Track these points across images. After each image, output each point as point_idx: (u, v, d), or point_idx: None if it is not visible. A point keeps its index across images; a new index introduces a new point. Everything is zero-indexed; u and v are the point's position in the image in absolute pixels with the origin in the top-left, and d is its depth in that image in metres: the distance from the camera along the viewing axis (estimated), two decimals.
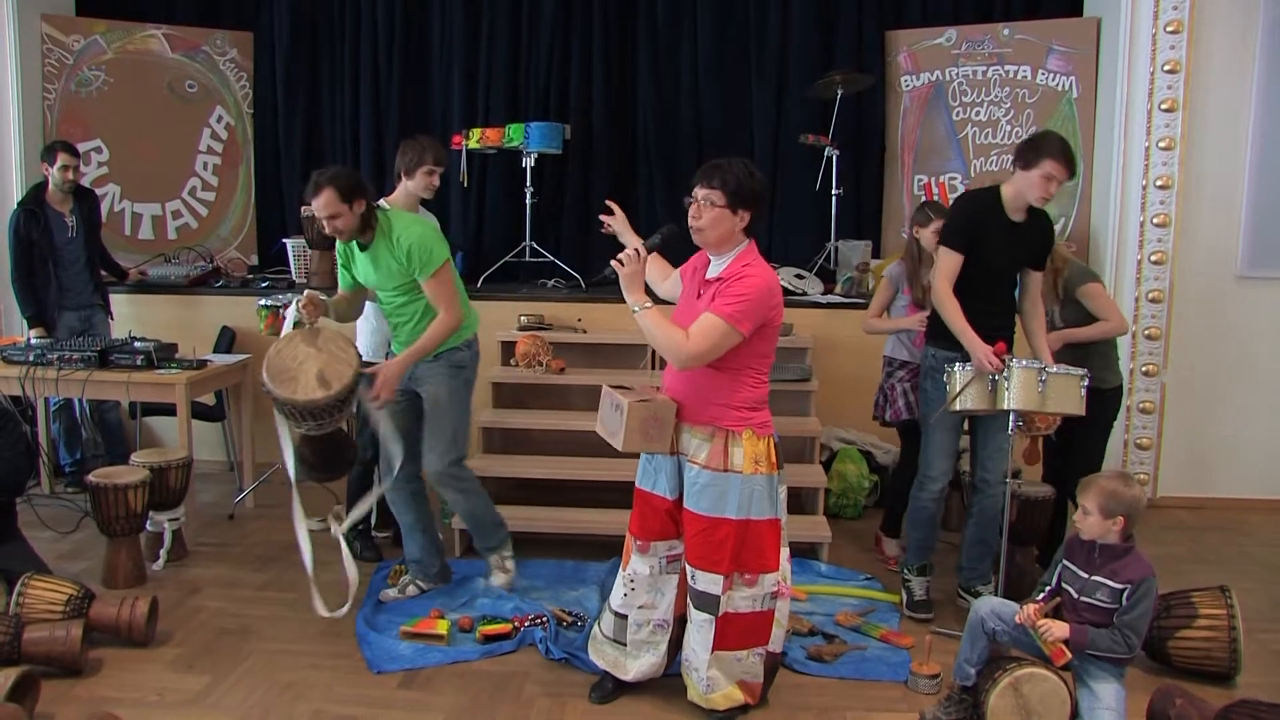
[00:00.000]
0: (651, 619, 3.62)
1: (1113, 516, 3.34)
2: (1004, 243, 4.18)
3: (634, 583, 3.60)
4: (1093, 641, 3.29)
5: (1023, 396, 3.92)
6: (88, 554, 5.00)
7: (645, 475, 3.58)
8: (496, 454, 5.61)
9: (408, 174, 4.76)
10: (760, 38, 7.13)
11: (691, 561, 3.45)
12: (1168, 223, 5.92)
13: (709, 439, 3.39)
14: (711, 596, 3.40)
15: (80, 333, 5.87)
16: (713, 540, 3.38)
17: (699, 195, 3.36)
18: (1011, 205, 4.17)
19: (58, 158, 5.81)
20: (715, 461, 3.37)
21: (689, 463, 3.43)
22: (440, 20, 7.36)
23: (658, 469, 3.53)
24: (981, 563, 4.44)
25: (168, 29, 7.26)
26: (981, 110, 6.81)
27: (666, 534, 3.55)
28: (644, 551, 3.57)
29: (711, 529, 3.38)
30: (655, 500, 3.54)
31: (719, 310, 3.27)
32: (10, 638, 3.67)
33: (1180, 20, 5.78)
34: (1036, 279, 4.33)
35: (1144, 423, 6.08)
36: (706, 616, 3.42)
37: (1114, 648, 3.29)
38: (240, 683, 3.78)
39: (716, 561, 3.38)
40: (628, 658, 3.66)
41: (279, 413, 3.95)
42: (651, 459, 3.54)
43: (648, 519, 3.57)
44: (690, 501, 3.43)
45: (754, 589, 3.43)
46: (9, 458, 4.26)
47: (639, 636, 3.63)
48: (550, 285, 6.76)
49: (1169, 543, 5.42)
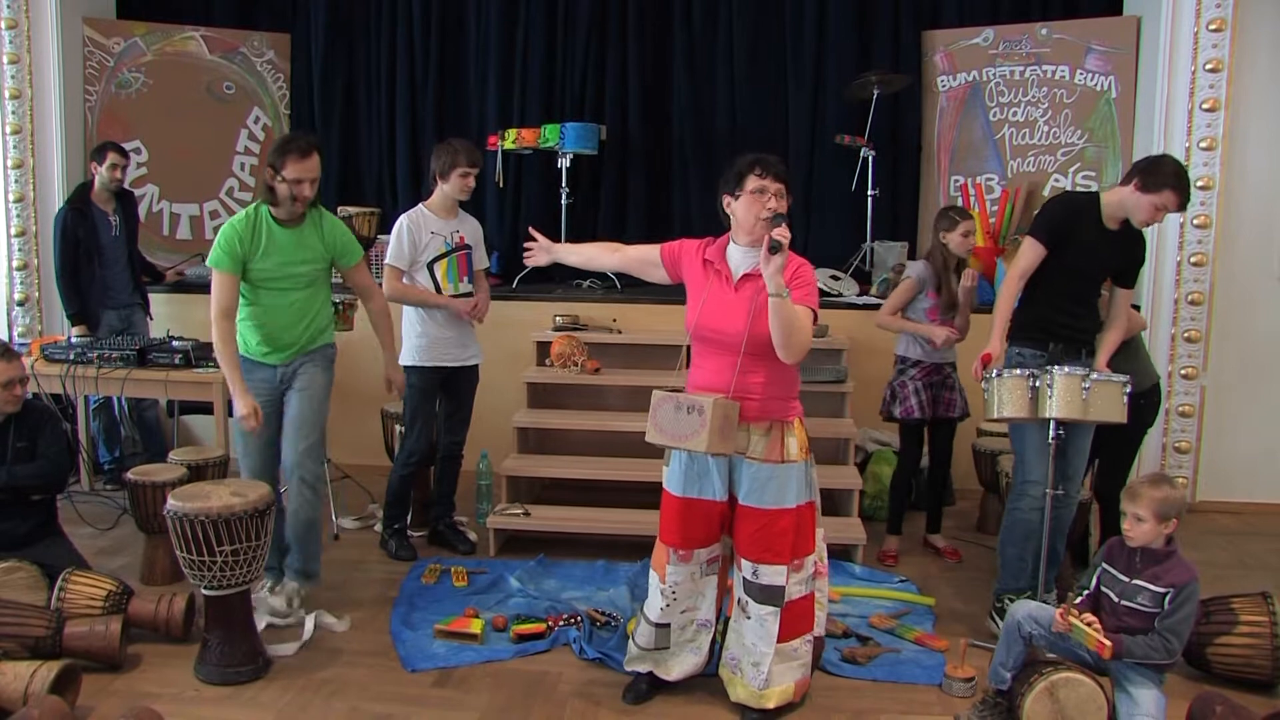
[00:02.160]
0: (695, 619, 3.62)
1: (1167, 520, 3.31)
2: (1093, 247, 4.12)
3: (675, 593, 3.57)
4: (1129, 650, 3.25)
5: (1065, 405, 3.87)
6: (126, 550, 5.05)
7: (688, 483, 3.50)
8: (531, 454, 5.62)
9: (443, 177, 4.82)
10: (796, 38, 7.11)
11: (752, 556, 3.42)
12: (1208, 224, 5.85)
13: (766, 433, 3.39)
14: (777, 589, 3.39)
15: (120, 331, 5.94)
16: (775, 531, 3.38)
17: (773, 187, 3.34)
18: (1109, 213, 4.11)
19: (107, 157, 5.89)
20: (774, 454, 3.38)
21: (748, 459, 3.40)
22: (476, 21, 7.39)
23: (704, 473, 3.47)
24: (1049, 572, 4.25)
25: (206, 31, 7.32)
26: (1019, 110, 6.76)
27: (710, 539, 3.54)
28: (685, 560, 3.54)
29: (774, 520, 3.38)
30: (704, 506, 3.49)
31: (807, 302, 3.31)
32: (52, 632, 3.72)
33: (1223, 18, 5.71)
34: (1122, 295, 4.25)
35: (1183, 426, 6.01)
36: (771, 609, 3.40)
37: (1152, 653, 3.25)
38: (276, 679, 3.80)
39: (779, 552, 3.39)
40: (671, 658, 3.64)
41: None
42: (694, 464, 3.47)
43: (692, 527, 3.52)
44: (751, 498, 3.41)
45: (801, 573, 3.45)
46: (51, 455, 4.30)
47: (683, 638, 3.63)
48: (585, 286, 6.77)
49: (1208, 548, 5.36)
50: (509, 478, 5.32)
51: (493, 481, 5.46)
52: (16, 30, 6.52)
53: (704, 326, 3.43)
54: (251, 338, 4.22)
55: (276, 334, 4.20)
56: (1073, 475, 4.23)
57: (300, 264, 4.15)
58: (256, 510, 3.74)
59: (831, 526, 4.85)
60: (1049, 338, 4.19)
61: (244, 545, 3.70)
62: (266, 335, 4.20)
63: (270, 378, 4.25)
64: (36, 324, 6.69)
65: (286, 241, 4.12)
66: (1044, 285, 4.19)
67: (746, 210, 3.37)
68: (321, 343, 4.32)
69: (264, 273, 4.11)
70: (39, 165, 6.66)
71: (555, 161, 6.83)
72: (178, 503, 3.70)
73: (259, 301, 4.17)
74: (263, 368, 4.24)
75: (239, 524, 3.68)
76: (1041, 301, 4.23)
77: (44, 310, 6.71)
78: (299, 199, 4.06)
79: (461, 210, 5.00)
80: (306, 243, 4.15)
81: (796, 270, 3.36)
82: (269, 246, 4.11)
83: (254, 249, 4.09)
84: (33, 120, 6.64)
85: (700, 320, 3.43)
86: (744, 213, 3.38)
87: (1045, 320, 4.21)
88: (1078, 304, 4.20)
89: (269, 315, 4.18)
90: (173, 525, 3.69)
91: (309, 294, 4.22)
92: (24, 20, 6.53)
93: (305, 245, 4.15)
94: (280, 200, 4.08)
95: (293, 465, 4.23)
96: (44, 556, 4.16)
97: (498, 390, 5.66)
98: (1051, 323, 4.19)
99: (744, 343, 3.31)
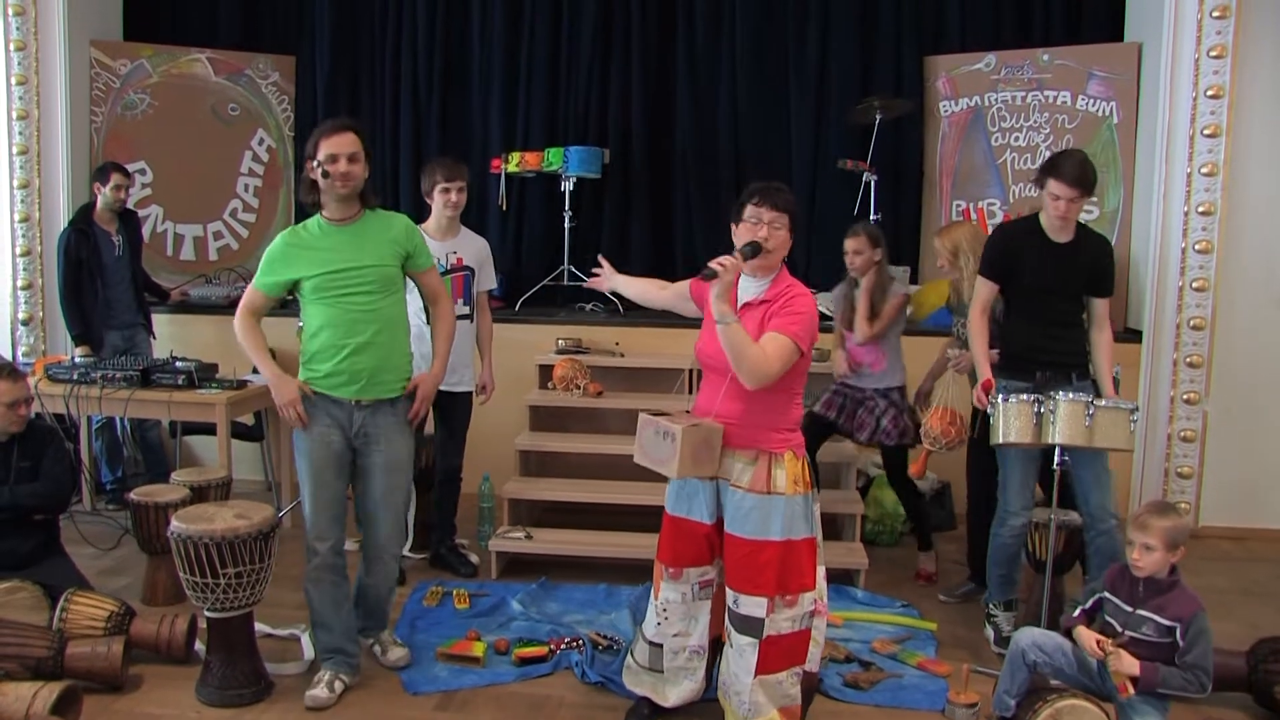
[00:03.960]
0: (687, 646, 3.61)
1: (1176, 549, 3.31)
2: (1041, 264, 4.15)
3: (667, 611, 3.59)
4: (1164, 680, 3.23)
5: (1068, 430, 3.87)
6: (128, 571, 5.05)
7: (679, 501, 3.55)
8: (533, 477, 5.62)
9: (428, 197, 4.87)
10: (799, 63, 7.15)
11: (734, 586, 3.42)
12: (1210, 249, 5.86)
13: (753, 462, 3.38)
14: (756, 620, 3.37)
15: (124, 352, 5.95)
16: (757, 563, 3.36)
17: (768, 217, 3.35)
18: (1051, 227, 4.15)
19: (111, 178, 5.93)
20: (759, 485, 3.36)
21: (732, 487, 3.40)
22: (480, 45, 7.43)
23: (693, 494, 3.49)
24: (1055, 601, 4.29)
25: (211, 53, 7.36)
26: (1021, 136, 6.79)
27: (700, 560, 3.54)
28: (676, 579, 3.56)
29: (756, 552, 3.36)
30: (691, 526, 3.51)
31: (786, 330, 3.27)
32: (54, 653, 3.71)
33: (1224, 45, 5.74)
34: (1099, 306, 4.26)
35: (1185, 451, 6.01)
36: (750, 640, 3.38)
37: (1187, 687, 3.23)
38: (278, 701, 3.80)
39: (761, 584, 3.36)
40: (666, 684, 3.64)
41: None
42: (686, 483, 3.50)
43: (681, 546, 3.55)
44: (734, 526, 3.40)
45: (794, 609, 3.40)
46: (54, 475, 4.31)
47: (675, 664, 3.62)
48: (588, 309, 6.78)
49: (1211, 574, 5.34)
50: (511, 500, 5.32)
51: (494, 504, 5.46)
52: (25, 52, 6.56)
53: (700, 352, 3.50)
54: (320, 362, 3.78)
55: (349, 354, 3.74)
56: (1095, 504, 4.22)
57: (362, 265, 3.74)
58: (260, 533, 3.75)
59: (833, 551, 4.83)
60: (1034, 366, 4.20)
61: (247, 568, 3.70)
62: (334, 352, 3.74)
63: (342, 419, 3.80)
64: (40, 343, 6.70)
65: (342, 241, 3.76)
66: (1015, 314, 4.28)
67: (741, 239, 3.39)
68: (401, 389, 3.87)
69: (321, 280, 3.73)
70: (44, 185, 6.68)
71: (559, 185, 6.86)
72: (181, 524, 3.70)
73: (321, 312, 3.77)
74: (333, 405, 3.79)
75: (243, 546, 3.68)
76: (1018, 332, 4.28)
77: (48, 330, 6.72)
78: (336, 177, 3.67)
79: (468, 231, 5.01)
80: (368, 243, 3.78)
81: (790, 298, 3.35)
82: (320, 247, 3.77)
83: (297, 258, 3.77)
84: (39, 141, 6.66)
85: (699, 345, 3.51)
86: (739, 241, 3.41)
87: (1025, 350, 4.23)
88: (1053, 326, 4.20)
89: (334, 327, 3.74)
90: (176, 547, 3.70)
91: (377, 301, 3.76)
92: (32, 42, 6.57)
93: (366, 244, 3.77)
94: (323, 189, 3.72)
95: (383, 544, 3.97)
96: (46, 576, 4.15)
97: (500, 413, 5.66)
98: (1031, 350, 4.21)
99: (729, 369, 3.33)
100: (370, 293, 3.75)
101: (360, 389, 3.77)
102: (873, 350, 4.94)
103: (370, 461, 3.84)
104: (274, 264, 3.81)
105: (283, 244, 3.82)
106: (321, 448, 3.79)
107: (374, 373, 3.77)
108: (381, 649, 4.11)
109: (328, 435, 3.78)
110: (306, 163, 3.74)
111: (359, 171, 3.73)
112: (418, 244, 3.93)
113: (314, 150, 3.71)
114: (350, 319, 3.73)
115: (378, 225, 3.85)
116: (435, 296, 4.06)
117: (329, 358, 3.75)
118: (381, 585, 4.06)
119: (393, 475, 3.88)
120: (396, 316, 3.86)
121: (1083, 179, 4.01)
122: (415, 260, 3.92)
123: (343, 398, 3.77)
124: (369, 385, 3.78)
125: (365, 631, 4.11)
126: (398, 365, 3.86)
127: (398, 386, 3.85)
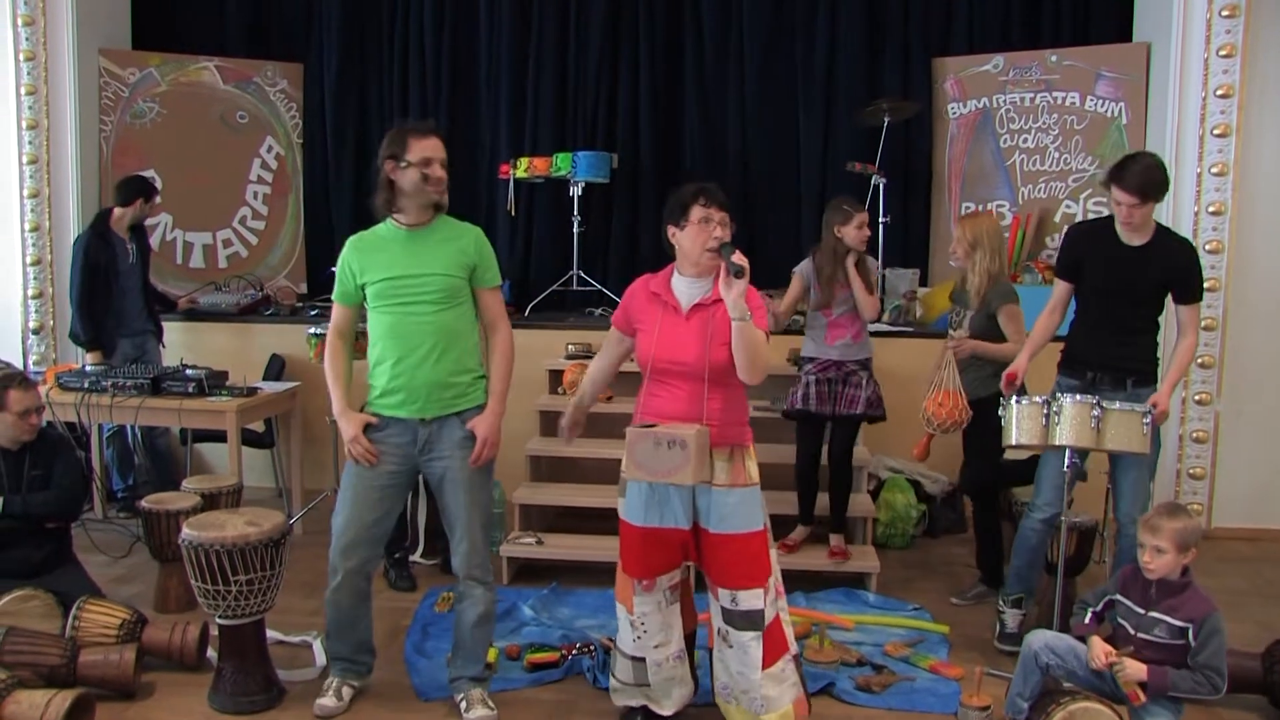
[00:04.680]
0: (669, 655, 3.57)
1: (1187, 550, 3.29)
2: (1111, 264, 4.14)
3: (644, 624, 3.52)
4: (1174, 684, 3.22)
5: (1075, 433, 3.87)
6: (140, 578, 5.06)
7: (649, 511, 3.43)
8: (543, 482, 5.61)
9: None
10: (807, 66, 7.14)
11: (730, 584, 3.38)
12: (1220, 249, 5.84)
13: (729, 458, 3.38)
14: (758, 612, 3.36)
15: (134, 359, 5.97)
16: (749, 554, 3.36)
17: (718, 217, 3.36)
18: (1125, 229, 4.12)
19: (155, 196, 6.17)
20: (739, 478, 3.38)
21: (714, 487, 3.38)
22: (488, 50, 7.44)
23: (664, 501, 3.42)
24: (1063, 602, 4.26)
25: (220, 61, 7.38)
26: (1029, 137, 6.78)
27: (672, 565, 3.51)
28: (649, 590, 3.49)
29: (747, 544, 3.36)
30: (665, 534, 3.43)
31: (760, 326, 3.29)
32: (66, 660, 3.72)
33: (1233, 44, 5.72)
34: (1181, 313, 4.17)
35: (1197, 452, 5.99)
36: (754, 635, 3.36)
37: (1198, 689, 3.21)
38: (290, 708, 3.80)
39: (756, 575, 3.36)
40: (661, 695, 3.61)
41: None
42: (654, 492, 3.42)
43: (652, 556, 3.47)
44: (721, 524, 3.37)
45: (769, 594, 3.42)
46: (66, 484, 4.31)
47: (661, 675, 3.57)
48: (598, 314, 6.78)
49: (1224, 575, 5.32)
50: (521, 506, 5.32)
51: (505, 510, 5.45)
52: (34, 62, 6.59)
53: (661, 359, 3.41)
54: (378, 376, 3.65)
55: (406, 368, 3.58)
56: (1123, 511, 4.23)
57: (427, 273, 3.57)
58: (271, 540, 3.75)
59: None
60: (1086, 367, 4.21)
61: (258, 575, 3.70)
62: (394, 368, 3.60)
63: (405, 440, 3.65)
64: (51, 352, 6.72)
65: (410, 246, 3.61)
66: (1080, 314, 4.29)
67: (693, 240, 3.38)
68: (469, 402, 3.69)
69: (384, 287, 3.59)
70: (54, 194, 6.71)
71: (567, 190, 6.86)
72: (193, 532, 3.70)
73: (380, 320, 3.63)
74: (396, 426, 3.64)
75: (254, 553, 3.68)
76: (1079, 331, 4.30)
77: (59, 339, 6.73)
78: (431, 180, 3.53)
79: None
80: (437, 250, 3.60)
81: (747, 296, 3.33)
82: (387, 250, 3.63)
83: (365, 261, 3.64)
84: (49, 150, 6.69)
85: (657, 353, 3.42)
86: (690, 243, 3.39)
87: (1082, 349, 4.25)
88: (1117, 330, 4.17)
89: (392, 337, 3.60)
90: (188, 554, 3.70)
91: (440, 312, 3.58)
92: (41, 52, 6.59)
93: (434, 251, 3.60)
94: (410, 190, 3.55)
95: (459, 568, 3.75)
96: (59, 585, 4.16)
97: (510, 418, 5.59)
98: (1089, 352, 4.22)
99: (706, 370, 3.33)
100: (432, 303, 3.57)
101: (420, 406, 3.60)
102: (854, 322, 4.89)
103: (439, 479, 3.69)
104: (344, 271, 3.69)
105: (350, 249, 3.70)
106: (373, 468, 3.66)
107: (433, 388, 3.59)
108: (467, 705, 3.72)
109: (383, 457, 3.65)
110: (386, 162, 3.55)
111: (444, 175, 3.60)
112: (486, 258, 3.71)
113: (399, 151, 3.52)
114: (408, 329, 3.58)
115: (448, 233, 3.67)
116: (494, 321, 3.78)
117: (386, 371, 3.61)
118: (466, 614, 3.75)
119: (463, 492, 3.66)
120: (460, 330, 3.65)
121: (1144, 187, 3.93)
122: (480, 275, 3.69)
123: (407, 417, 3.63)
124: (429, 402, 3.61)
125: (455, 684, 3.80)
126: (462, 380, 3.66)
127: (464, 401, 3.67)
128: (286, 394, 5.80)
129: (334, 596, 3.74)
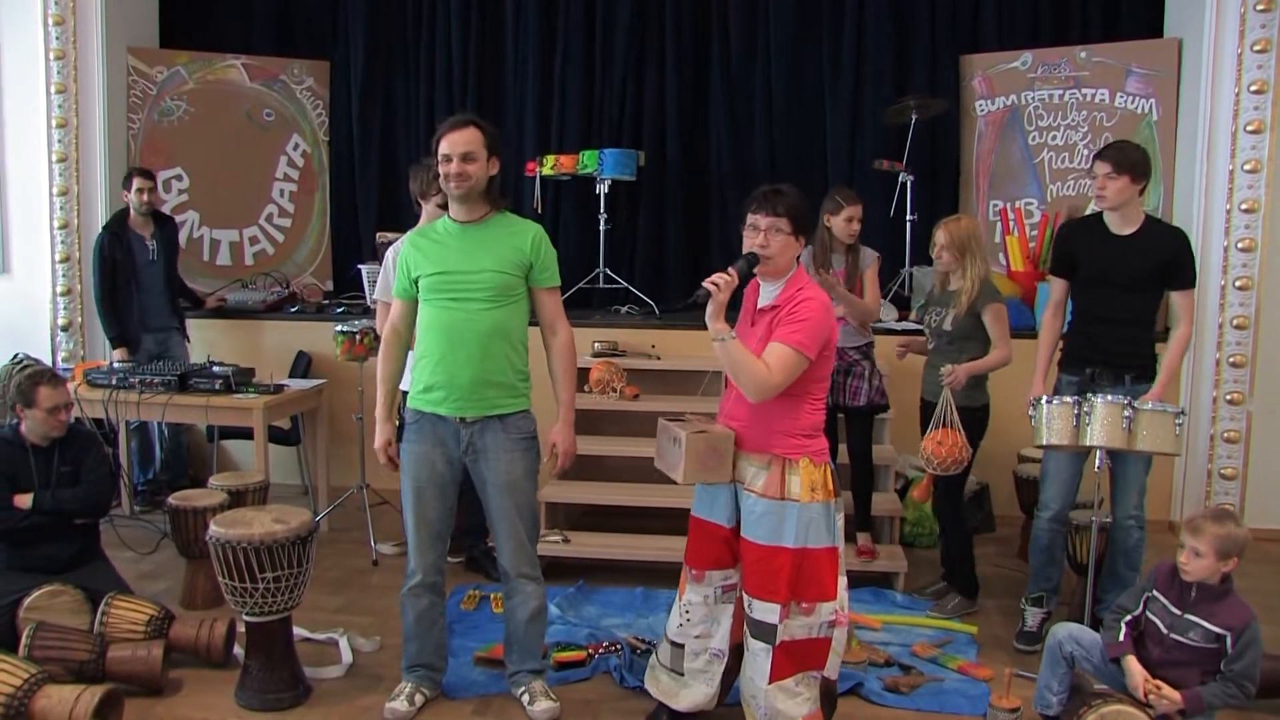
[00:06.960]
0: (708, 648, 3.57)
1: (1227, 558, 3.25)
2: (1095, 254, 4.16)
3: (689, 612, 3.55)
4: (1208, 703, 3.20)
5: (1106, 434, 3.84)
6: (167, 575, 5.08)
7: (701, 503, 3.54)
8: (570, 480, 5.60)
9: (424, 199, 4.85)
10: (834, 63, 7.11)
11: (749, 591, 3.40)
12: (1253, 247, 5.77)
13: (766, 467, 3.34)
14: (769, 626, 3.33)
15: (157, 356, 6.01)
16: (769, 569, 3.32)
17: (764, 224, 3.31)
18: (1112, 219, 4.15)
19: (133, 182, 6.07)
20: (773, 490, 3.32)
21: (746, 491, 3.37)
22: (514, 48, 7.44)
23: (714, 496, 3.48)
24: (1107, 595, 4.26)
25: (247, 59, 7.41)
26: (1058, 134, 6.72)
27: (722, 563, 3.51)
28: (699, 580, 3.53)
29: (768, 558, 3.32)
30: (712, 528, 3.49)
31: (787, 339, 3.22)
32: (95, 656, 3.75)
33: (1268, 39, 5.65)
34: (1175, 301, 4.20)
35: (1229, 452, 5.92)
36: (764, 646, 3.35)
37: (1230, 700, 3.20)
38: (317, 705, 3.81)
39: (773, 590, 3.32)
40: (681, 686, 3.60)
41: None
42: (709, 486, 3.48)
43: (703, 547, 3.53)
44: (747, 530, 3.38)
45: (810, 618, 3.35)
46: (94, 481, 4.33)
47: (695, 665, 3.57)
48: (624, 312, 6.77)
49: (1257, 576, 5.24)
50: (548, 504, 5.31)
51: None
52: (64, 61, 6.62)
53: None
54: (422, 371, 3.60)
55: (448, 363, 3.52)
56: (1118, 504, 4.25)
57: (478, 270, 3.51)
58: (298, 537, 3.76)
59: None
60: (1083, 364, 4.21)
61: (285, 572, 3.71)
62: (438, 364, 3.54)
63: (448, 437, 3.61)
64: (80, 349, 6.76)
65: (464, 242, 3.56)
66: (1076, 310, 4.31)
67: (747, 247, 3.38)
68: (512, 406, 3.63)
69: (435, 281, 3.55)
70: (83, 192, 6.74)
71: (593, 187, 6.85)
72: (220, 529, 3.71)
73: (429, 313, 3.58)
74: (437, 424, 3.61)
75: (281, 551, 3.69)
76: (1077, 327, 4.31)
77: (87, 335, 6.77)
78: (450, 178, 3.47)
79: None
80: (491, 246, 3.54)
81: (797, 304, 3.29)
82: (441, 245, 3.59)
83: (421, 255, 3.60)
84: (78, 148, 6.72)
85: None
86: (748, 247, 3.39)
87: (1080, 345, 4.27)
88: (1112, 323, 4.17)
89: (437, 330, 3.54)
90: (215, 551, 3.71)
91: (489, 310, 3.52)
92: (71, 50, 6.62)
93: (488, 247, 3.54)
94: (442, 186, 3.57)
95: (505, 568, 3.77)
96: (87, 580, 4.18)
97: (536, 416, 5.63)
98: (1086, 348, 4.22)
99: None
100: (482, 299, 3.51)
101: (460, 404, 3.55)
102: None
103: (482, 480, 3.66)
104: (403, 264, 3.64)
105: (409, 244, 3.67)
106: (424, 466, 3.62)
107: (474, 386, 3.53)
108: (530, 698, 3.75)
109: (429, 454, 3.61)
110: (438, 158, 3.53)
111: (475, 171, 3.48)
112: (545, 257, 3.63)
113: (436, 146, 3.51)
114: (456, 325, 3.51)
115: (505, 229, 3.61)
116: (552, 322, 3.70)
117: (429, 366, 3.55)
118: (517, 611, 3.77)
119: (505, 495, 3.64)
120: (509, 329, 3.57)
121: (1117, 157, 4.04)
122: (537, 274, 3.61)
123: (447, 415, 3.58)
124: (470, 401, 3.55)
125: (515, 678, 3.83)
126: (506, 381, 3.60)
127: (507, 403, 3.61)
128: (313, 391, 5.81)
129: (410, 596, 3.77)
